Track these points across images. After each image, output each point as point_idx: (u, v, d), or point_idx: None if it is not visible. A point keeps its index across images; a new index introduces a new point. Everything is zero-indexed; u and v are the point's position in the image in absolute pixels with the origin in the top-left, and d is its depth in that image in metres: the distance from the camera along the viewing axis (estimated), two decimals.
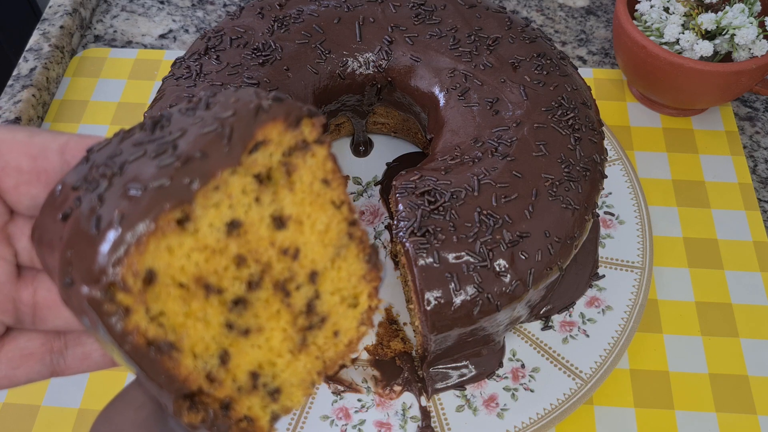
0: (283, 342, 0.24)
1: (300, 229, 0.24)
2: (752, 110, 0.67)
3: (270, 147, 0.22)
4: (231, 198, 0.21)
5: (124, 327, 0.20)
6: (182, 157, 0.20)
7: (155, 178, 0.20)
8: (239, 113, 0.21)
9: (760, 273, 0.55)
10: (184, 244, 0.20)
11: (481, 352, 0.47)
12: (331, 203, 0.25)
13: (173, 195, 0.20)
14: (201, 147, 0.20)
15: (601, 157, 0.48)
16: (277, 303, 0.24)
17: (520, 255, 0.42)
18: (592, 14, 0.75)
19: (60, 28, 0.71)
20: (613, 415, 0.48)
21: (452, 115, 0.50)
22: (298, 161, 0.23)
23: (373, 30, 0.54)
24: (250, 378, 0.23)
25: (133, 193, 0.19)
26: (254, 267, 0.23)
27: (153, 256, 0.20)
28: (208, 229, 0.21)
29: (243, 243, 0.22)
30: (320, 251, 0.25)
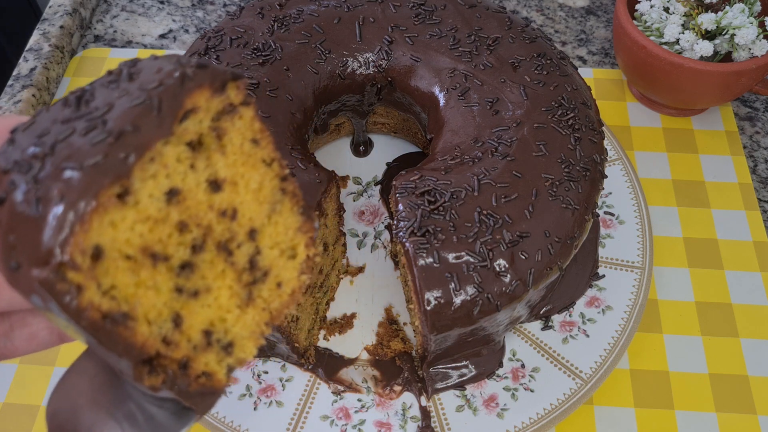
0: (230, 299, 0.25)
1: (235, 190, 0.25)
2: (752, 110, 0.67)
3: (199, 114, 0.23)
4: (167, 168, 0.22)
5: (78, 304, 0.20)
6: (114, 132, 0.20)
7: (90, 155, 0.20)
8: (165, 83, 0.21)
9: (760, 273, 0.55)
10: (126, 217, 0.21)
11: (481, 352, 0.47)
12: (262, 162, 0.26)
13: (110, 170, 0.20)
14: (132, 120, 0.21)
15: (601, 157, 0.48)
16: (221, 263, 0.24)
17: (520, 255, 0.42)
18: (592, 14, 0.75)
19: (60, 28, 0.71)
20: (613, 415, 0.48)
21: (452, 115, 0.50)
22: (227, 125, 0.24)
23: (373, 30, 0.54)
24: (204, 336, 0.24)
25: (70, 172, 0.19)
26: (196, 231, 0.23)
27: (98, 232, 0.20)
28: (148, 200, 0.21)
29: (183, 209, 0.23)
30: (256, 209, 0.26)
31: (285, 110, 0.50)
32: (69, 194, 0.19)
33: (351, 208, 0.58)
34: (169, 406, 0.25)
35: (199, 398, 0.25)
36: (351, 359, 0.50)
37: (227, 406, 0.46)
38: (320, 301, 0.51)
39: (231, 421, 0.46)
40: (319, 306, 0.51)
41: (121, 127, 0.20)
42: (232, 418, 0.46)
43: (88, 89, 0.22)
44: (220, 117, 0.24)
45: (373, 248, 0.55)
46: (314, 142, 0.58)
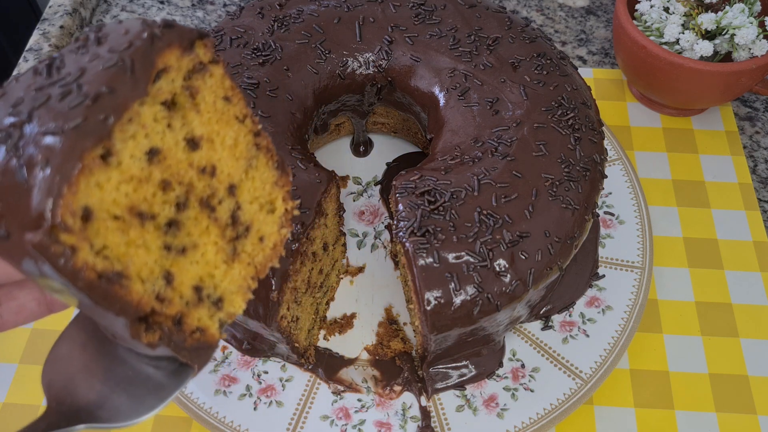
0: (216, 254, 0.26)
1: (212, 147, 0.25)
2: (752, 110, 0.67)
3: (171, 73, 0.23)
4: (145, 128, 0.22)
5: (74, 265, 0.20)
6: (91, 95, 0.20)
7: (70, 118, 0.20)
8: (135, 45, 0.22)
9: (760, 273, 0.55)
10: (111, 178, 0.21)
11: (481, 352, 0.47)
12: (235, 118, 0.26)
13: (91, 132, 0.20)
14: (106, 82, 0.21)
15: (601, 157, 0.48)
16: (205, 219, 0.25)
17: (520, 255, 0.42)
18: (592, 14, 0.75)
19: (60, 28, 0.71)
20: (613, 415, 0.48)
21: (452, 115, 0.50)
22: (198, 83, 0.24)
23: (373, 30, 0.54)
24: (195, 292, 0.25)
25: (52, 137, 0.20)
26: (179, 189, 0.24)
27: (85, 193, 0.20)
28: (130, 160, 0.22)
29: (164, 168, 0.23)
30: (233, 165, 0.26)
31: (285, 110, 0.50)
32: (53, 158, 0.19)
33: (351, 208, 0.58)
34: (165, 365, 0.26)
35: (195, 353, 0.26)
36: (351, 359, 0.50)
37: (227, 406, 0.46)
38: (320, 301, 0.51)
39: (231, 421, 0.46)
40: (319, 306, 0.51)
41: (97, 90, 0.21)
42: (232, 418, 0.46)
43: (57, 56, 0.23)
44: (191, 76, 0.24)
45: (373, 248, 0.55)
46: (314, 142, 0.58)
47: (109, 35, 0.23)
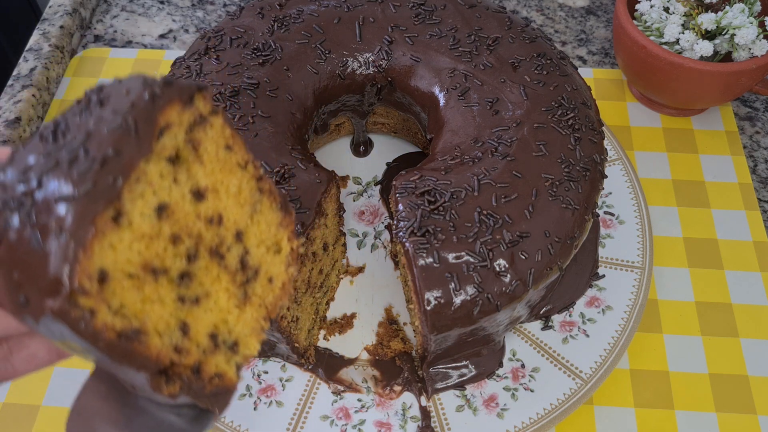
0: (229, 300, 0.26)
1: (218, 196, 0.26)
2: (752, 110, 0.67)
3: (173, 129, 0.23)
4: (152, 185, 0.23)
5: (94, 327, 0.21)
6: (98, 159, 0.21)
7: (79, 184, 0.20)
8: (137, 105, 0.22)
9: (760, 273, 0.55)
10: (123, 238, 0.22)
11: (481, 352, 0.47)
12: (237, 165, 0.27)
13: (102, 196, 0.21)
14: (113, 145, 0.21)
15: (601, 157, 0.48)
16: (215, 267, 0.26)
17: (520, 255, 0.42)
18: (592, 14, 0.75)
19: (60, 28, 0.71)
20: (613, 415, 0.48)
21: (452, 115, 0.50)
22: (200, 135, 0.25)
23: (373, 30, 0.54)
24: (211, 339, 0.26)
25: (64, 203, 0.20)
26: (188, 241, 0.24)
27: (100, 256, 0.21)
28: (140, 218, 0.22)
29: (173, 222, 0.24)
30: (239, 211, 0.27)
31: (285, 110, 0.50)
32: (67, 225, 0.20)
33: (351, 208, 0.58)
34: (187, 412, 0.26)
35: (215, 398, 0.26)
36: (351, 359, 0.50)
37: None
38: (320, 301, 0.51)
39: (231, 421, 0.46)
40: (319, 306, 0.51)
41: (104, 153, 0.21)
42: (232, 418, 0.46)
43: (61, 120, 0.23)
44: (192, 129, 0.24)
45: (373, 248, 0.55)
46: (314, 142, 0.58)
47: (111, 96, 0.23)
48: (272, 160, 0.46)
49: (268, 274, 0.29)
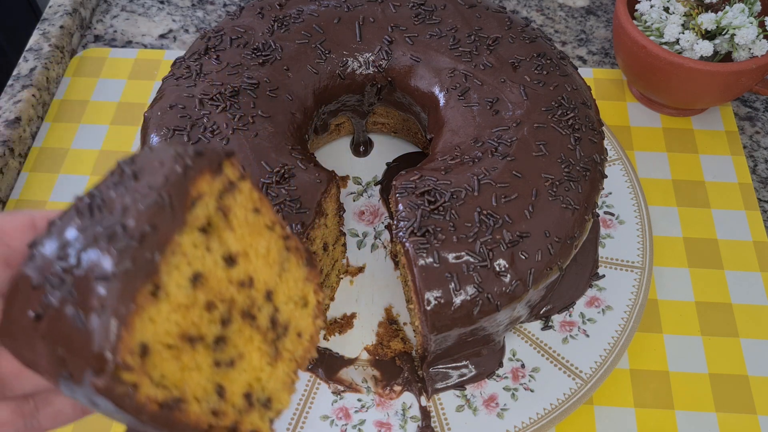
0: (261, 359, 0.27)
1: (248, 260, 0.26)
2: (752, 110, 0.67)
3: (205, 198, 0.24)
4: (186, 256, 0.23)
5: (138, 401, 0.21)
6: (136, 236, 0.21)
7: (119, 262, 0.21)
8: (170, 178, 0.23)
9: (760, 273, 0.55)
10: (161, 310, 0.22)
11: (481, 352, 0.47)
12: (265, 227, 0.27)
13: (141, 273, 0.21)
14: (149, 221, 0.22)
15: (601, 157, 0.48)
16: (247, 329, 0.26)
17: (520, 255, 0.42)
18: (592, 14, 0.75)
19: (60, 28, 0.71)
20: (613, 415, 0.48)
21: (452, 115, 0.50)
22: (229, 202, 0.25)
23: (373, 30, 0.54)
24: (245, 399, 0.26)
25: (105, 282, 0.21)
26: (222, 306, 0.25)
27: (141, 331, 0.21)
28: (177, 289, 0.22)
29: (207, 290, 0.24)
30: (268, 272, 0.27)
31: (285, 110, 0.50)
32: (109, 302, 0.21)
33: (351, 208, 0.58)
34: None
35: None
36: (351, 359, 0.50)
37: None
38: None
39: None
40: None
41: (142, 230, 0.22)
42: None
43: (96, 194, 0.23)
44: (222, 196, 0.25)
45: (373, 248, 0.55)
46: (314, 142, 0.58)
47: (144, 169, 0.24)
48: (272, 160, 0.46)
49: (297, 329, 0.29)
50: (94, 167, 0.62)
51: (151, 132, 0.48)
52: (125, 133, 0.65)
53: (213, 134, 0.47)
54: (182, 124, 0.47)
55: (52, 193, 0.60)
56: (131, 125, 0.65)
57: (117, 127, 0.65)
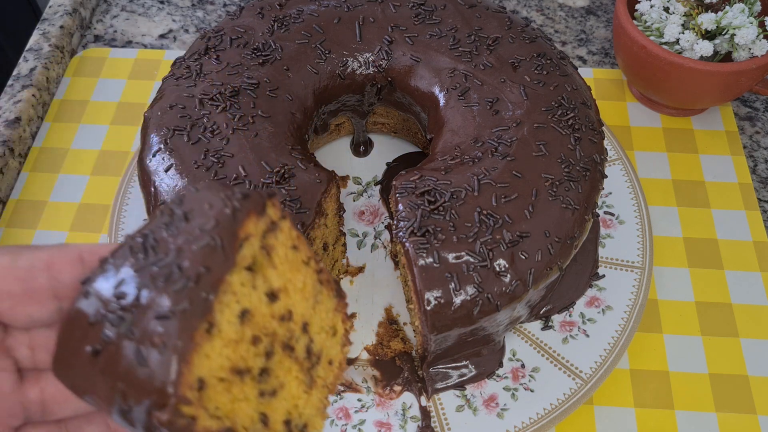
0: (298, 387, 0.28)
1: (287, 295, 0.28)
2: (752, 110, 0.67)
3: (251, 239, 0.26)
4: (236, 294, 0.24)
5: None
6: (192, 277, 0.23)
7: (177, 302, 0.23)
8: (221, 221, 0.24)
9: (760, 273, 0.55)
10: (215, 346, 0.24)
11: (481, 352, 0.47)
12: (302, 263, 0.29)
13: (198, 312, 0.23)
14: (203, 263, 0.23)
15: (601, 157, 0.48)
16: (287, 360, 0.28)
17: (520, 255, 0.42)
18: (592, 14, 0.75)
19: (60, 28, 0.71)
20: (613, 415, 0.48)
21: (452, 115, 0.50)
22: (272, 241, 0.27)
23: (373, 30, 0.54)
24: (285, 426, 0.27)
25: (165, 321, 0.22)
26: (266, 340, 0.26)
27: (198, 367, 0.23)
28: (228, 326, 0.24)
29: (253, 325, 0.26)
30: (304, 305, 0.29)
31: (285, 110, 0.50)
32: (169, 340, 0.22)
33: (351, 208, 0.58)
34: None
35: None
36: (351, 359, 0.50)
37: None
38: None
39: None
40: None
41: (197, 271, 0.23)
42: None
43: (149, 234, 0.25)
44: (265, 235, 0.27)
45: (373, 248, 0.55)
46: (314, 142, 0.58)
47: (194, 210, 0.25)
48: (272, 160, 0.46)
49: (329, 357, 0.31)
50: (94, 167, 0.62)
51: (151, 132, 0.48)
52: (125, 133, 0.65)
53: (213, 134, 0.47)
54: (182, 124, 0.47)
55: (52, 193, 0.60)
56: (131, 125, 0.65)
57: (117, 127, 0.65)
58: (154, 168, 0.46)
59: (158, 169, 0.46)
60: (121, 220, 0.55)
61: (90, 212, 0.59)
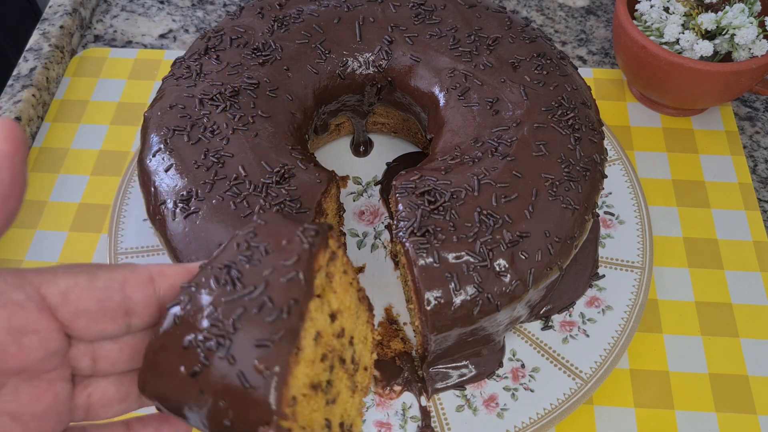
0: (347, 393, 0.32)
1: (342, 315, 0.31)
2: (752, 110, 0.67)
3: (321, 270, 0.29)
4: (312, 320, 0.28)
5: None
6: (284, 309, 0.26)
7: (274, 332, 0.26)
8: (302, 256, 0.28)
9: (760, 273, 0.55)
10: (301, 367, 0.27)
11: (481, 352, 0.47)
12: (349, 284, 0.32)
13: (291, 339, 0.26)
14: (290, 295, 0.27)
15: (601, 157, 0.48)
16: (341, 371, 0.31)
17: (520, 255, 0.42)
18: (592, 14, 0.75)
19: (60, 28, 0.71)
20: (613, 415, 0.48)
21: (452, 115, 0.50)
22: (332, 269, 0.30)
23: (373, 30, 0.54)
24: (340, 428, 0.31)
25: (264, 348, 0.26)
26: (330, 356, 0.30)
27: (292, 387, 0.26)
28: (308, 348, 0.27)
29: (323, 345, 0.29)
30: (351, 320, 0.33)
31: (285, 110, 0.50)
32: (270, 365, 0.25)
33: (351, 208, 0.58)
34: None
35: None
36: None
37: None
38: None
39: None
40: None
41: (288, 303, 0.27)
42: None
43: (231, 266, 0.28)
44: (328, 264, 0.30)
45: (373, 248, 0.55)
46: (314, 142, 0.58)
47: (271, 244, 0.29)
48: (272, 160, 0.46)
49: (364, 364, 0.35)
50: (94, 167, 0.62)
51: (151, 132, 0.48)
52: (125, 133, 0.65)
53: (213, 134, 0.47)
54: (182, 124, 0.47)
55: (52, 193, 0.60)
56: (131, 125, 0.65)
57: (117, 127, 0.65)
58: (154, 168, 0.46)
59: (158, 169, 0.46)
60: (121, 220, 0.55)
61: (90, 212, 0.59)
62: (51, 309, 0.25)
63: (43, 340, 0.24)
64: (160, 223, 0.45)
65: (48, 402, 0.26)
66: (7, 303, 0.23)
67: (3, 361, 0.23)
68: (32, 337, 0.24)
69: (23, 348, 0.24)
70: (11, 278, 0.24)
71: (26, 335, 0.24)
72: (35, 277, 0.25)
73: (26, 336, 0.24)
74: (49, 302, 0.24)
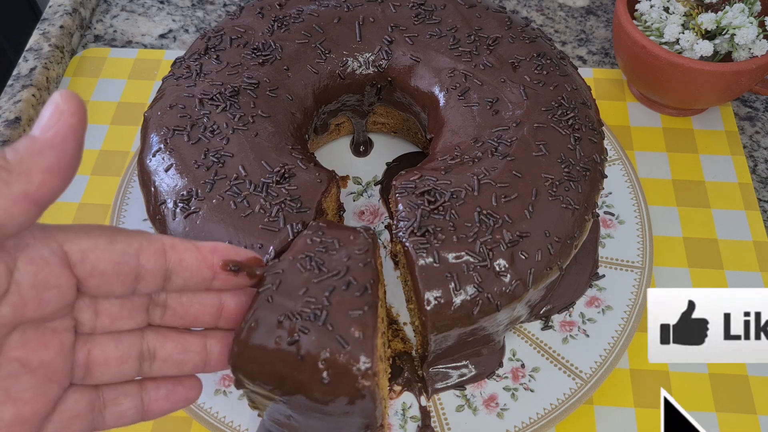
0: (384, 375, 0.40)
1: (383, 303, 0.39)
2: (752, 110, 0.67)
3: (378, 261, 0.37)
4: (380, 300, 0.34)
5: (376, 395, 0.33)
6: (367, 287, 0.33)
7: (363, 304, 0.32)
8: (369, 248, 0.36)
9: (760, 273, 0.55)
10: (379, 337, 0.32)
11: (481, 352, 0.47)
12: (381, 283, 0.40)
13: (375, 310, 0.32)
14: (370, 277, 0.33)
15: (601, 156, 0.48)
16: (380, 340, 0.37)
17: (520, 255, 0.42)
18: (592, 14, 0.75)
19: (60, 28, 0.71)
20: (613, 415, 0.48)
21: (452, 115, 0.50)
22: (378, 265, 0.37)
23: (373, 30, 0.54)
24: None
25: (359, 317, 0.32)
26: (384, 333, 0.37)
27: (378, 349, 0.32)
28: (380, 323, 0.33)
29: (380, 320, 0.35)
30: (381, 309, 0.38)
31: (285, 110, 0.50)
32: (364, 329, 0.31)
33: (351, 208, 0.58)
34: None
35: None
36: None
37: (227, 406, 0.46)
38: None
39: (231, 421, 0.46)
40: None
41: (368, 282, 0.33)
42: (232, 418, 0.46)
43: (313, 255, 0.34)
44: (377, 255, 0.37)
45: None
46: (314, 142, 0.58)
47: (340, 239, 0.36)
48: (272, 159, 0.46)
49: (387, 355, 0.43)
50: (94, 167, 0.62)
51: (151, 132, 0.48)
52: (125, 133, 0.65)
53: (213, 134, 0.47)
54: (182, 124, 0.47)
55: None
56: (131, 125, 0.65)
57: (117, 127, 0.65)
58: (154, 168, 0.46)
59: (158, 169, 0.46)
60: (121, 219, 0.55)
61: (90, 212, 0.59)
62: (70, 265, 0.26)
63: (62, 294, 0.26)
64: (160, 222, 0.45)
65: (55, 349, 0.27)
66: (35, 258, 0.25)
67: (23, 313, 0.25)
68: (53, 291, 0.25)
69: (43, 301, 0.25)
70: (39, 233, 0.25)
71: (48, 290, 0.25)
72: (59, 234, 0.26)
73: (48, 290, 0.25)
74: (69, 258, 0.26)
